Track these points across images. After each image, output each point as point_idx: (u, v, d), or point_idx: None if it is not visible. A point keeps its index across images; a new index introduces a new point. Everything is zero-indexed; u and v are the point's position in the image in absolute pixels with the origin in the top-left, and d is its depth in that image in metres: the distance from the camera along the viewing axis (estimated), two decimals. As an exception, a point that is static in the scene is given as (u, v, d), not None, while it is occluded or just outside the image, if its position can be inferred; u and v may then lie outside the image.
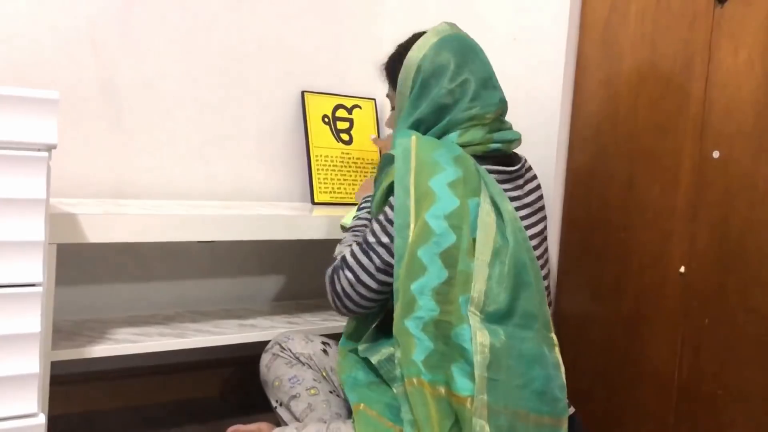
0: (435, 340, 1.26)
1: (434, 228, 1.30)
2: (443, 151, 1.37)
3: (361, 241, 1.42)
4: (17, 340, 1.28)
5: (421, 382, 1.25)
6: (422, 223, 1.31)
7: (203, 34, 2.07)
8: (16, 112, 1.24)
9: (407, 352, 1.27)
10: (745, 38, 1.51)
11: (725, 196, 1.53)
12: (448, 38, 1.52)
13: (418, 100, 1.48)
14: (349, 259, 1.41)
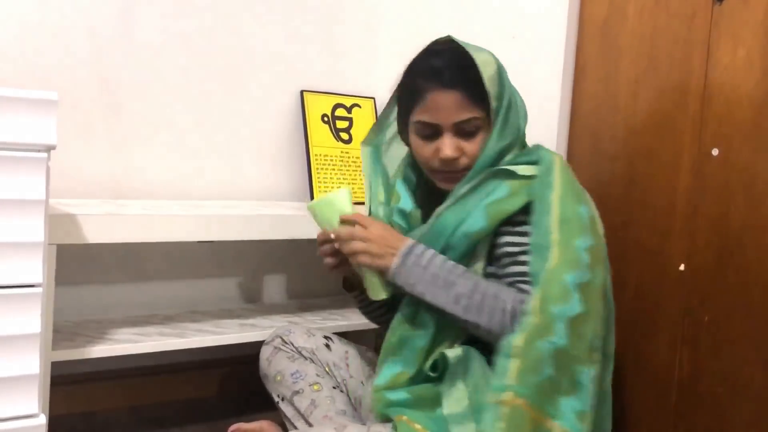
0: (556, 369, 1.20)
1: (581, 259, 1.26)
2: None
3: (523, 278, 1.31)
4: (17, 340, 1.28)
5: (527, 405, 1.20)
6: (571, 250, 1.26)
7: (202, 34, 2.07)
8: (15, 112, 1.25)
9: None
10: (744, 36, 1.51)
11: (725, 194, 1.53)
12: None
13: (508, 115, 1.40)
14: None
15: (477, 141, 1.38)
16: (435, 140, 1.39)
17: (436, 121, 1.37)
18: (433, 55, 1.40)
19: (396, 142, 1.56)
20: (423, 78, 1.38)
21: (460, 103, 1.35)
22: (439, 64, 1.38)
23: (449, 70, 1.36)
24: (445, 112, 1.36)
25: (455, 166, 1.38)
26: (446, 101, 1.36)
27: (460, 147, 1.37)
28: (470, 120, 1.36)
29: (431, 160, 1.41)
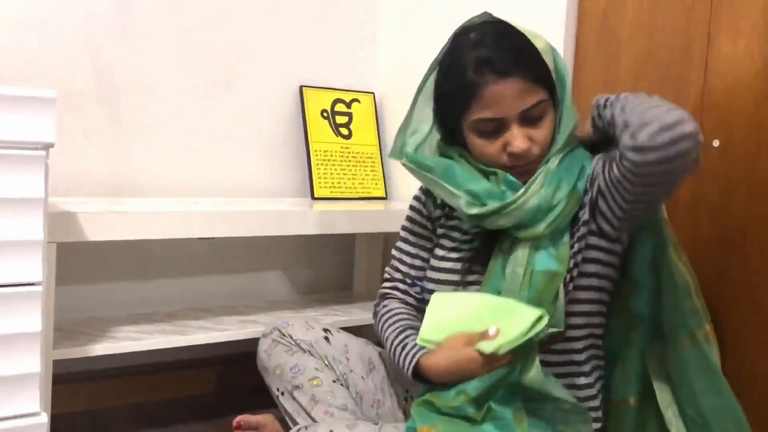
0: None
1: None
2: None
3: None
4: (18, 339, 1.28)
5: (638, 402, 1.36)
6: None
7: (200, 30, 2.07)
8: (13, 111, 1.24)
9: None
10: (744, 26, 1.50)
11: (726, 185, 1.53)
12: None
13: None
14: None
15: (546, 125, 1.29)
16: (500, 135, 1.29)
17: (500, 115, 1.26)
18: (475, 44, 1.28)
19: (421, 150, 1.44)
20: (474, 71, 1.26)
21: (521, 89, 1.25)
22: (487, 53, 1.26)
23: (502, 57, 1.25)
24: (507, 103, 1.25)
25: (528, 157, 1.29)
26: (506, 91, 1.24)
27: (529, 136, 1.28)
28: (537, 105, 1.27)
29: (499, 157, 1.30)
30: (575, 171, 1.29)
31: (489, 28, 1.30)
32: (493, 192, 1.30)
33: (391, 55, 2.37)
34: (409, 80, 2.31)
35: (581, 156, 1.32)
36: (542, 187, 1.27)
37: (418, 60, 2.27)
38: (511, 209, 1.27)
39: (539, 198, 1.27)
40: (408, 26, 2.31)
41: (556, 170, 1.28)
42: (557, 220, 1.28)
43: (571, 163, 1.30)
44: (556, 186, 1.27)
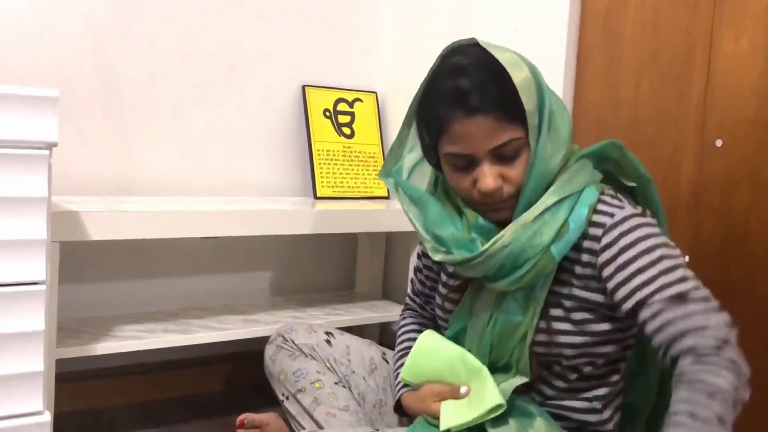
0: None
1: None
2: None
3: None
4: (21, 338, 1.28)
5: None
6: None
7: (203, 29, 2.07)
8: (16, 110, 1.24)
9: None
10: (747, 26, 1.50)
11: (728, 185, 1.53)
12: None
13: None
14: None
15: (520, 163, 1.19)
16: (470, 171, 1.21)
17: (468, 151, 1.19)
18: (454, 73, 1.19)
19: (419, 169, 1.39)
20: (445, 104, 1.18)
21: (493, 126, 1.16)
22: (462, 85, 1.17)
23: (475, 91, 1.16)
24: (477, 141, 1.17)
25: (499, 196, 1.20)
26: (476, 128, 1.16)
27: (501, 174, 1.19)
28: (508, 143, 1.17)
29: (470, 192, 1.23)
30: (552, 229, 1.19)
31: (471, 57, 1.20)
32: (460, 240, 1.24)
33: (394, 55, 2.37)
34: (412, 80, 2.31)
35: (568, 204, 1.20)
36: (509, 244, 1.18)
37: (420, 59, 2.28)
38: (475, 263, 1.21)
39: (503, 256, 1.19)
40: (410, 26, 2.32)
41: (530, 225, 1.19)
42: (522, 280, 1.20)
43: (552, 218, 1.19)
44: (525, 243, 1.18)
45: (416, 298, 1.54)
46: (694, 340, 1.11)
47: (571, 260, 1.23)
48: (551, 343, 1.24)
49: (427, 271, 1.49)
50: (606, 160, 1.30)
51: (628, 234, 1.18)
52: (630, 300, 1.15)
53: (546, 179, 1.21)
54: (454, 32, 2.13)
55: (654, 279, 1.14)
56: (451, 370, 1.30)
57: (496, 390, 1.22)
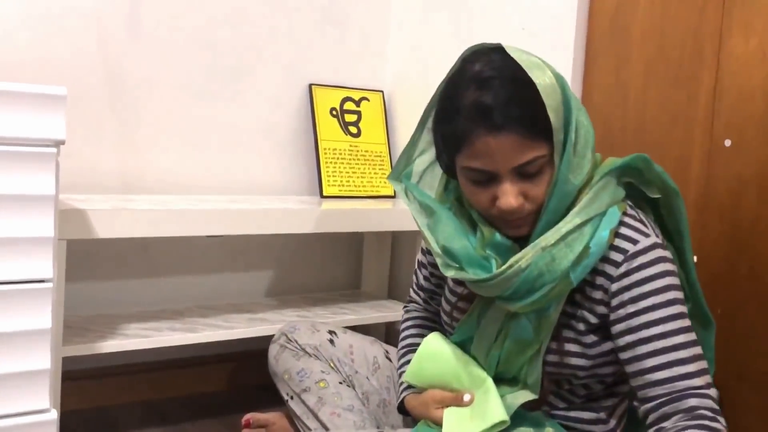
0: None
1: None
2: None
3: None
4: (28, 336, 1.28)
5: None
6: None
7: (210, 28, 2.07)
8: (24, 108, 1.25)
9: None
10: (756, 26, 1.49)
11: (737, 185, 1.52)
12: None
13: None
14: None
15: (542, 181, 1.15)
16: (490, 186, 1.15)
17: (490, 168, 1.13)
18: (477, 85, 1.13)
19: (430, 172, 1.35)
20: (466, 117, 1.12)
21: (517, 144, 1.10)
22: (486, 100, 1.10)
23: (500, 107, 1.09)
24: (499, 158, 1.11)
25: (519, 213, 1.16)
26: (499, 146, 1.10)
27: (523, 192, 1.15)
28: (532, 161, 1.12)
29: (489, 208, 1.18)
30: (573, 253, 1.15)
31: (497, 65, 1.13)
32: (473, 257, 1.20)
33: (400, 54, 2.37)
34: (419, 79, 2.31)
35: (591, 227, 1.16)
36: (527, 267, 1.14)
37: (427, 59, 2.27)
38: (489, 284, 1.18)
39: (520, 280, 1.15)
40: (417, 25, 2.31)
41: (550, 249, 1.15)
42: (536, 303, 1.17)
43: (574, 242, 1.15)
44: (543, 267, 1.15)
45: (420, 293, 1.52)
46: (697, 401, 1.11)
47: (584, 281, 1.20)
48: (562, 363, 1.23)
49: (432, 268, 1.46)
50: (629, 174, 1.27)
51: (648, 267, 1.16)
52: (629, 334, 1.15)
53: (569, 197, 1.17)
54: (461, 31, 2.12)
55: (660, 322, 1.14)
56: (455, 376, 1.28)
57: (501, 405, 1.20)
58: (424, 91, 2.28)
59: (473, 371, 1.27)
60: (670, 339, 1.13)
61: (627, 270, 1.16)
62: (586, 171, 1.17)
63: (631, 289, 1.16)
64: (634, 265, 1.16)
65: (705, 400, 1.11)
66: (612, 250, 1.17)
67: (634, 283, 1.16)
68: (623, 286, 1.16)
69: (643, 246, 1.16)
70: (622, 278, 1.16)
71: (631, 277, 1.16)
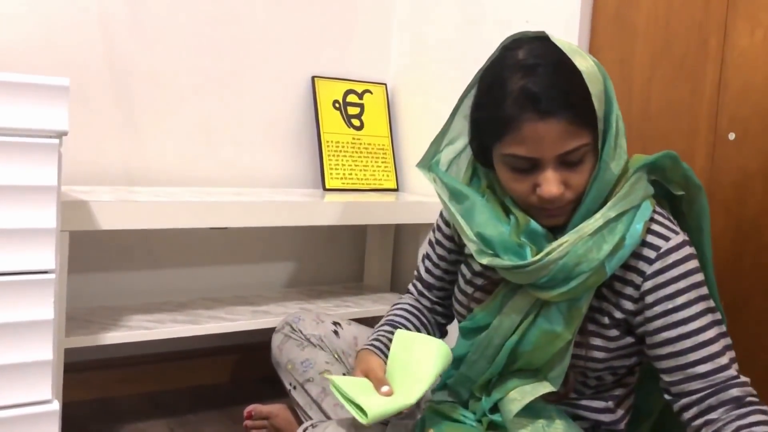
0: None
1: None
2: None
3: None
4: (31, 327, 1.28)
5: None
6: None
7: (213, 20, 2.06)
8: (27, 99, 1.24)
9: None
10: (761, 18, 1.48)
11: (741, 178, 1.52)
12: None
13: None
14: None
15: (584, 170, 1.15)
16: (532, 174, 1.16)
17: (535, 155, 1.13)
18: (523, 71, 1.13)
19: (456, 162, 1.35)
20: (514, 103, 1.12)
21: (564, 131, 1.10)
22: (533, 85, 1.11)
23: (548, 93, 1.10)
24: (546, 145, 1.11)
25: (559, 202, 1.16)
26: (547, 132, 1.10)
27: (564, 180, 1.15)
28: (577, 149, 1.12)
29: (528, 196, 1.18)
30: (609, 244, 1.15)
31: (541, 51, 1.14)
32: (508, 243, 1.19)
33: (404, 46, 2.37)
34: (422, 71, 2.31)
35: (627, 219, 1.17)
36: (565, 254, 1.15)
37: (431, 51, 2.27)
38: (525, 271, 1.17)
39: (557, 267, 1.15)
40: (421, 17, 2.31)
41: (587, 239, 1.15)
42: (572, 292, 1.17)
43: (610, 233, 1.16)
44: (581, 256, 1.15)
45: (418, 283, 1.50)
46: (739, 391, 1.14)
47: (613, 275, 1.19)
48: (584, 356, 1.23)
49: (439, 260, 1.44)
50: (655, 171, 1.28)
51: (681, 264, 1.17)
52: (668, 330, 1.17)
53: (608, 187, 1.18)
54: (464, 23, 2.12)
55: (697, 317, 1.16)
56: (395, 373, 1.27)
57: (382, 416, 1.18)
58: (427, 84, 2.27)
59: (410, 381, 1.26)
60: (706, 333, 1.16)
61: (662, 267, 1.17)
62: (623, 160, 1.18)
63: (668, 286, 1.17)
64: (669, 262, 1.17)
65: (746, 388, 1.15)
66: (643, 246, 1.18)
67: (670, 280, 1.17)
68: (659, 283, 1.17)
69: (676, 243, 1.17)
70: (657, 275, 1.17)
71: (666, 274, 1.17)
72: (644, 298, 1.18)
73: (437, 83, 2.21)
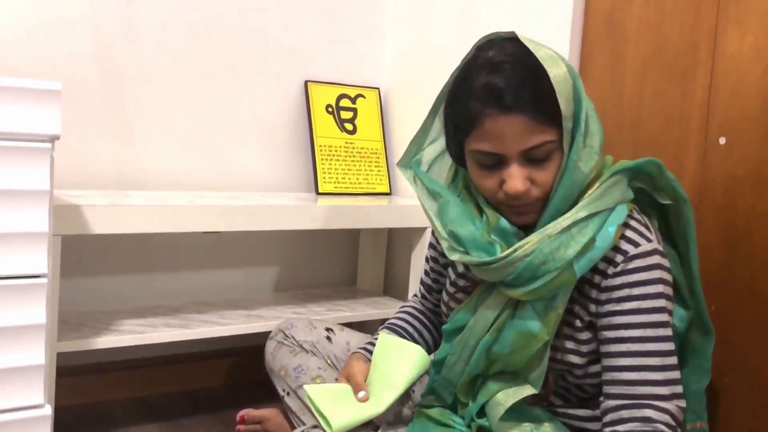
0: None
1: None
2: None
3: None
4: (23, 331, 1.28)
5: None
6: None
7: (206, 24, 2.07)
8: (19, 103, 1.24)
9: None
10: (751, 23, 1.49)
11: (732, 183, 1.52)
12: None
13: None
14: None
15: (550, 168, 1.16)
16: (498, 170, 1.17)
17: (498, 150, 1.15)
18: (489, 68, 1.15)
19: (439, 162, 1.37)
20: (478, 99, 1.14)
21: (526, 127, 1.12)
22: (498, 82, 1.12)
23: (511, 89, 1.12)
24: (508, 140, 1.13)
25: (526, 198, 1.17)
26: (509, 127, 1.12)
27: (530, 177, 1.16)
28: (541, 145, 1.14)
29: (495, 192, 1.19)
30: (578, 244, 1.16)
31: (510, 51, 1.16)
32: (479, 241, 1.21)
33: (397, 51, 2.37)
34: (415, 76, 2.31)
35: (598, 221, 1.17)
36: (531, 252, 1.16)
37: (423, 55, 2.27)
38: (492, 267, 1.19)
39: (523, 265, 1.16)
40: (414, 21, 2.31)
41: (555, 237, 1.16)
42: (539, 290, 1.18)
43: (579, 233, 1.16)
44: (548, 254, 1.15)
45: (421, 287, 1.55)
46: (654, 413, 1.13)
47: (583, 279, 1.21)
48: (561, 360, 1.24)
49: (433, 262, 1.48)
50: (641, 178, 1.28)
51: (642, 272, 1.17)
52: (609, 330, 1.18)
53: (577, 187, 1.18)
54: (457, 27, 2.12)
55: (641, 326, 1.16)
56: (374, 377, 1.32)
57: (350, 425, 1.24)
58: (420, 88, 2.28)
59: (382, 389, 1.29)
60: (645, 345, 1.15)
61: (622, 270, 1.17)
62: (594, 162, 1.18)
63: (622, 289, 1.17)
64: (630, 267, 1.17)
65: (663, 415, 1.13)
66: (614, 250, 1.18)
67: (625, 284, 1.17)
68: (615, 285, 1.18)
69: (644, 250, 1.18)
70: (615, 277, 1.18)
71: (624, 277, 1.17)
72: (600, 297, 1.19)
73: (430, 87, 2.21)
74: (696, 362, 1.36)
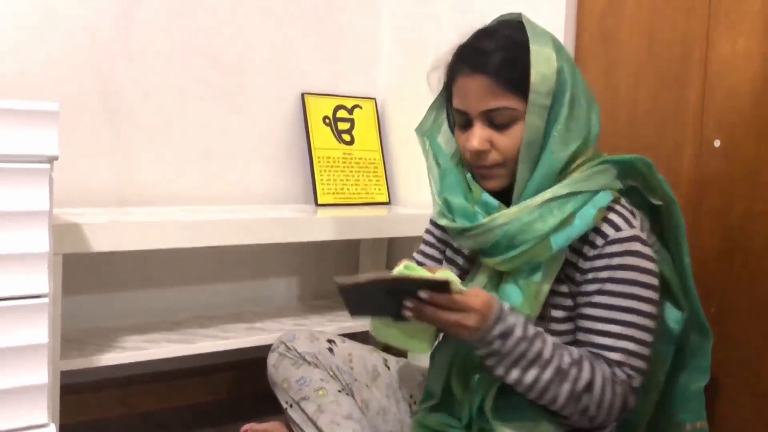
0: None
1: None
2: None
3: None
4: (26, 351, 1.28)
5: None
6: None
7: (202, 39, 2.07)
8: (16, 124, 1.25)
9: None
10: (743, 26, 1.50)
11: (728, 185, 1.53)
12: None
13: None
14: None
15: (511, 135, 1.22)
16: (467, 130, 1.26)
17: (464, 108, 1.25)
18: (479, 34, 1.27)
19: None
20: (457, 57, 1.27)
21: (488, 89, 1.20)
22: (479, 44, 1.24)
23: (485, 52, 1.21)
24: (471, 98, 1.23)
25: (484, 160, 1.25)
26: (474, 86, 1.22)
27: (489, 138, 1.23)
28: (500, 110, 1.21)
29: (464, 151, 1.29)
30: (555, 218, 1.20)
31: (501, 23, 1.28)
32: (465, 210, 1.27)
33: (393, 61, 2.38)
34: (411, 85, 2.32)
35: (579, 200, 1.21)
36: (509, 221, 1.21)
37: (419, 65, 2.28)
38: (472, 234, 1.25)
39: (501, 233, 1.21)
40: (409, 32, 2.32)
41: (533, 209, 1.21)
42: (513, 261, 1.22)
43: (558, 208, 1.20)
44: (525, 225, 1.20)
45: (418, 255, 1.54)
46: (611, 369, 1.20)
47: (568, 262, 1.25)
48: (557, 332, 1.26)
49: (428, 236, 1.51)
50: (633, 176, 1.32)
51: (624, 256, 1.20)
52: (587, 296, 1.22)
53: (558, 164, 1.23)
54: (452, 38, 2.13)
55: (614, 309, 1.20)
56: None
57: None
58: (416, 98, 2.28)
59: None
60: (621, 327, 1.20)
61: (603, 253, 1.21)
62: (576, 146, 1.23)
63: (604, 271, 1.21)
64: (611, 251, 1.21)
65: (614, 368, 1.20)
66: (594, 232, 1.22)
67: (607, 266, 1.21)
68: (597, 266, 1.22)
69: (626, 235, 1.21)
70: (596, 259, 1.22)
71: (607, 260, 1.21)
72: (580, 278, 1.23)
73: (426, 97, 2.21)
74: (695, 363, 1.38)
